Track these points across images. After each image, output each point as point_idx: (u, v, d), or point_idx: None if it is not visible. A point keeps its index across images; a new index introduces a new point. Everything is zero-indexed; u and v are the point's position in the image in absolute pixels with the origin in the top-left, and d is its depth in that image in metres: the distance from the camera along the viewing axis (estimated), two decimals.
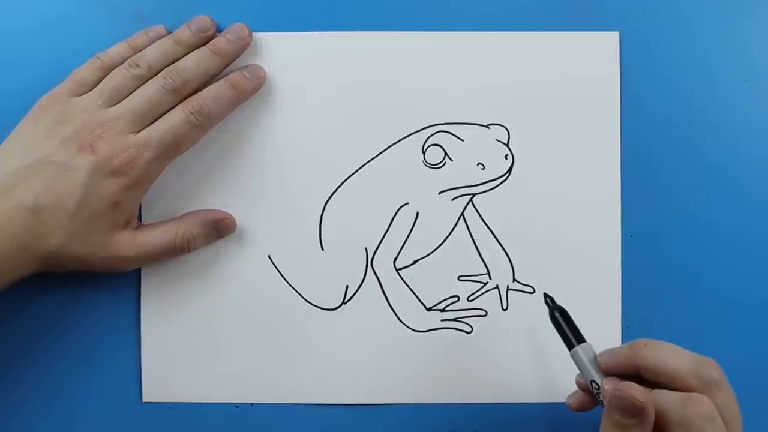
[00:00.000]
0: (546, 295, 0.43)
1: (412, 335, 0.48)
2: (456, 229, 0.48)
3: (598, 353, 0.40)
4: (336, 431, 0.48)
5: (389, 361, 0.48)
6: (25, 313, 0.48)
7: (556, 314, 0.42)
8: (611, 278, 0.48)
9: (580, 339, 0.41)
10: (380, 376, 0.48)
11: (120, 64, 0.45)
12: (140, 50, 0.46)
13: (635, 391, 0.36)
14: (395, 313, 0.48)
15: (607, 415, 0.37)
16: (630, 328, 0.48)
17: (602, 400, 0.39)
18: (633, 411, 0.36)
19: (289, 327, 0.48)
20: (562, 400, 0.43)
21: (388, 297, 0.48)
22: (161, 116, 0.44)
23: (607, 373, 0.39)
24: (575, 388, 0.42)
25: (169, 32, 0.47)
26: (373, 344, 0.48)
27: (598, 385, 0.39)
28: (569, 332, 0.41)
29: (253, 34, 0.47)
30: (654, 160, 0.48)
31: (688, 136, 0.48)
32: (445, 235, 0.48)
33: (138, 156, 0.43)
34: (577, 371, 0.41)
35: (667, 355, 0.38)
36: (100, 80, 0.45)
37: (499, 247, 0.48)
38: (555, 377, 0.47)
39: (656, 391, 0.37)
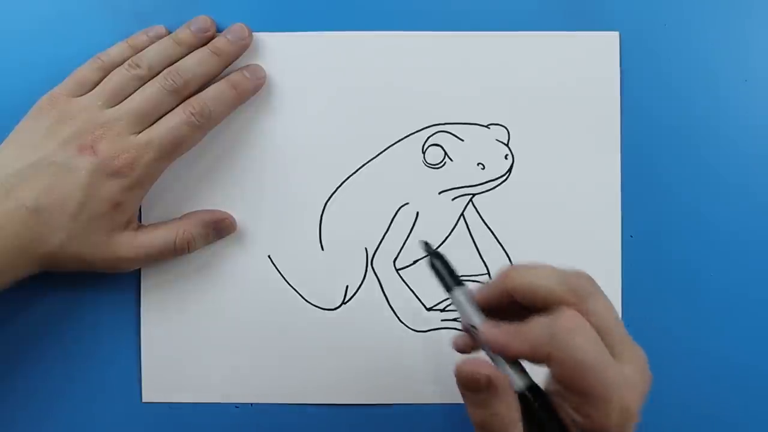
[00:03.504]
0: (423, 242, 0.40)
1: (412, 335, 0.48)
2: (456, 229, 0.48)
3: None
4: (336, 431, 0.48)
5: (389, 361, 0.48)
6: (25, 313, 0.48)
7: (434, 261, 0.39)
8: (611, 278, 0.48)
9: (459, 282, 0.38)
10: (380, 376, 0.48)
11: (120, 65, 0.45)
12: (140, 50, 0.46)
13: (479, 365, 0.35)
14: (395, 313, 0.48)
15: (464, 397, 0.36)
16: (630, 328, 0.47)
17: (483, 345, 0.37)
18: (478, 386, 0.35)
19: (289, 327, 0.48)
20: None
21: (388, 297, 0.48)
22: (161, 117, 0.44)
23: (484, 304, 0.38)
24: None
25: (169, 32, 0.47)
26: (373, 344, 0.48)
27: (474, 327, 0.37)
28: (448, 276, 0.39)
29: (253, 34, 0.47)
30: (654, 161, 0.48)
31: (688, 136, 0.48)
32: (445, 235, 0.48)
33: (138, 157, 0.43)
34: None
35: (536, 276, 0.36)
36: (100, 80, 0.45)
37: (499, 246, 0.48)
38: None
39: (526, 326, 0.35)
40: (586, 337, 0.34)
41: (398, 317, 0.48)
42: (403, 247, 0.48)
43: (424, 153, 0.48)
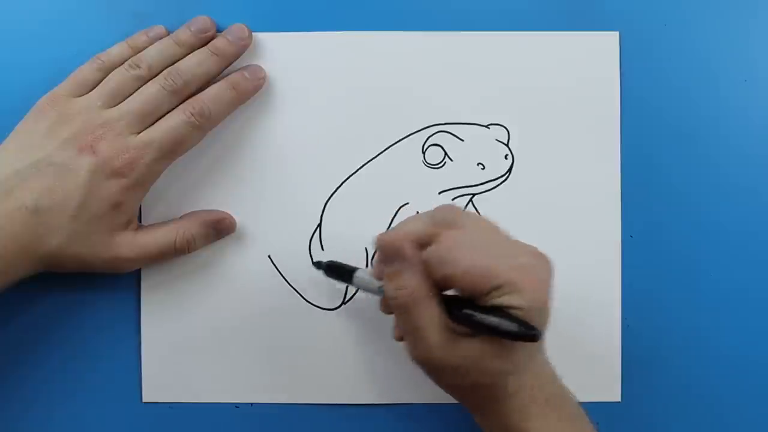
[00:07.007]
0: (314, 264, 0.46)
1: None
2: None
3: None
4: (336, 431, 0.48)
5: (389, 361, 0.48)
6: (25, 313, 0.48)
7: (327, 268, 0.45)
8: (611, 278, 0.48)
9: (354, 269, 0.43)
10: (380, 376, 0.48)
11: (120, 65, 0.45)
12: (140, 50, 0.46)
13: (383, 235, 0.39)
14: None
15: (384, 281, 0.39)
16: (630, 328, 0.48)
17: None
18: (390, 252, 0.38)
19: (289, 327, 0.48)
20: None
21: None
22: (161, 117, 0.44)
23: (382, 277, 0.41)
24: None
25: (168, 32, 0.47)
26: (373, 344, 0.48)
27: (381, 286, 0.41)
28: (344, 270, 0.44)
29: (253, 34, 0.47)
30: (654, 160, 0.48)
31: (688, 136, 0.48)
32: None
33: (138, 157, 0.43)
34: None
35: (406, 225, 0.40)
36: (101, 81, 0.45)
37: None
38: None
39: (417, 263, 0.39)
40: (466, 247, 0.38)
41: None
42: None
43: (424, 153, 0.48)
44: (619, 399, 0.48)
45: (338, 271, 0.44)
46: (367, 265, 0.48)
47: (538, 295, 0.38)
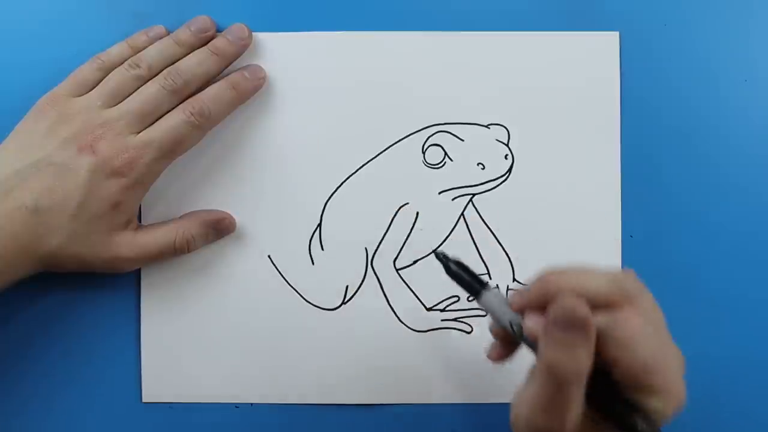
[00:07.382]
0: (437, 254, 0.38)
1: (412, 335, 0.48)
2: (456, 229, 0.48)
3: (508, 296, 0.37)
4: (336, 431, 0.48)
5: (389, 361, 0.48)
6: (25, 313, 0.48)
7: (452, 267, 0.38)
8: None
9: (485, 284, 0.37)
10: (380, 376, 0.48)
11: (120, 65, 0.45)
12: (140, 50, 0.46)
13: (576, 302, 0.33)
14: (395, 313, 0.48)
15: (547, 339, 0.34)
16: None
17: (525, 338, 0.36)
18: (576, 323, 0.33)
19: (289, 327, 0.48)
20: None
21: (388, 297, 0.48)
22: (161, 117, 0.44)
23: (521, 312, 0.36)
24: None
25: (168, 32, 0.47)
26: (373, 344, 0.48)
27: (518, 324, 0.36)
28: (473, 281, 0.38)
29: (253, 34, 0.47)
30: (654, 160, 0.48)
31: (688, 136, 0.48)
32: (445, 235, 0.48)
33: (138, 157, 0.43)
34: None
35: (583, 278, 0.35)
36: (100, 80, 0.45)
37: (499, 246, 0.48)
38: None
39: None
40: (646, 336, 0.35)
41: (398, 317, 0.48)
42: (403, 247, 0.48)
43: (424, 153, 0.48)
44: None
45: (463, 278, 0.38)
46: (366, 268, 0.48)
47: (679, 405, 0.35)
